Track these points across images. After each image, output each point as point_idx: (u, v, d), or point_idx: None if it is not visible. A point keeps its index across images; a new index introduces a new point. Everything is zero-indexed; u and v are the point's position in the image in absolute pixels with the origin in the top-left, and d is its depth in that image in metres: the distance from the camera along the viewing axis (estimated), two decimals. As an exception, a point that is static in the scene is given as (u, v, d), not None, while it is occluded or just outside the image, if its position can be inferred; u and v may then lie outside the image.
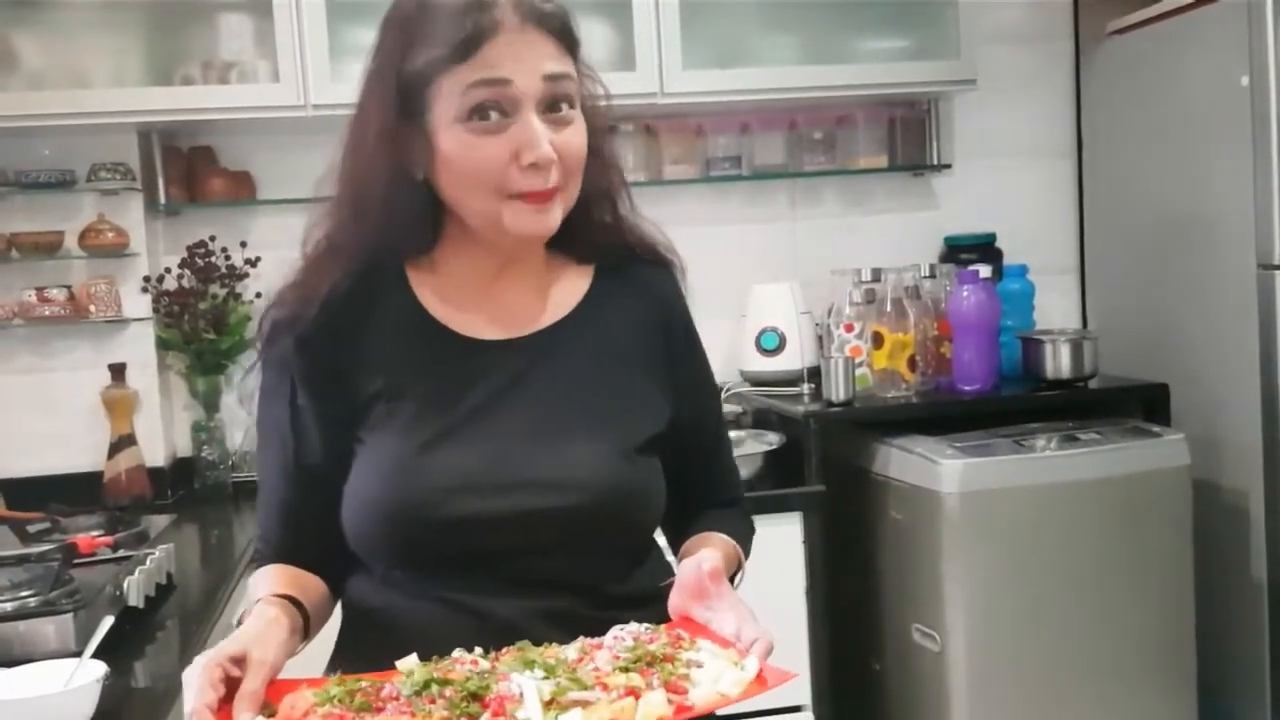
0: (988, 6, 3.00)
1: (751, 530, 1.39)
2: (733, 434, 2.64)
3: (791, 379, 2.80)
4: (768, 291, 2.88)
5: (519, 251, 1.24)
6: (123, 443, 2.66)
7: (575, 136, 1.18)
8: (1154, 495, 2.49)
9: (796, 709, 2.45)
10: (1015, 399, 2.69)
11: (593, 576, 1.21)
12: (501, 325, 1.25)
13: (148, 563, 1.82)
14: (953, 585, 2.40)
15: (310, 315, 1.20)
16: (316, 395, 1.22)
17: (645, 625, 1.14)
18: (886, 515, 2.57)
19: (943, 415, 2.61)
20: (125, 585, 1.72)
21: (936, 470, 2.40)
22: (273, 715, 1.00)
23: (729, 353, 2.98)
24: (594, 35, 2.68)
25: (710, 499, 1.37)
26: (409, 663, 1.06)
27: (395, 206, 1.19)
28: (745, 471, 2.48)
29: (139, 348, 2.71)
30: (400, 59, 1.16)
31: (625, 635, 1.11)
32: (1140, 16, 2.83)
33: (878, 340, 2.67)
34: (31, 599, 1.56)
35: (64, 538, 1.95)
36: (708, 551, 1.21)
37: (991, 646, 2.41)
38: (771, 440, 2.58)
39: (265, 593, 1.17)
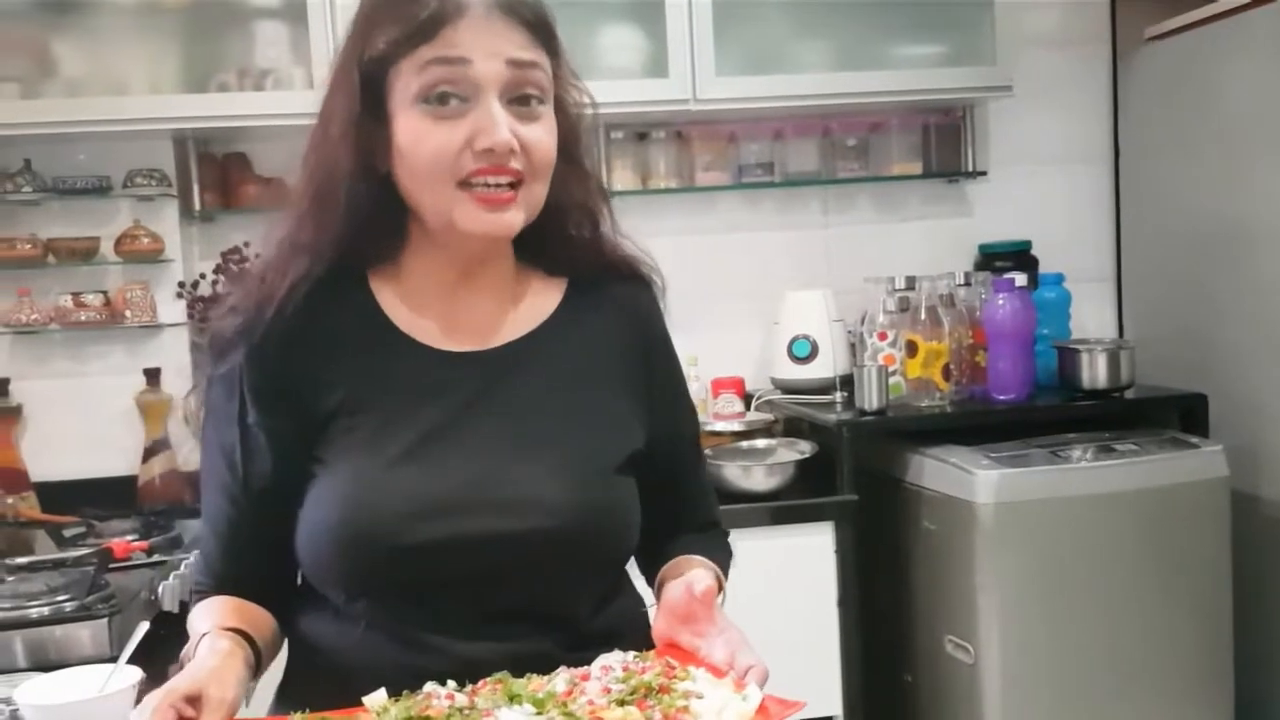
0: (1024, 12, 2.97)
1: (730, 555, 1.32)
2: (764, 443, 2.65)
3: (824, 387, 2.78)
4: (800, 299, 2.87)
5: (480, 257, 1.18)
6: (157, 447, 2.68)
7: (543, 133, 1.11)
8: (1192, 507, 2.45)
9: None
10: (1051, 409, 2.66)
11: (565, 608, 1.15)
12: (468, 336, 1.19)
13: (182, 568, 1.83)
14: (986, 597, 2.38)
15: (265, 321, 1.12)
16: (269, 411, 1.13)
17: (632, 654, 1.07)
18: (920, 525, 2.55)
19: (977, 425, 2.58)
20: (160, 590, 1.73)
21: (971, 480, 2.38)
22: None
23: (761, 360, 2.97)
24: (627, 41, 2.68)
25: (687, 522, 1.31)
26: (378, 699, 0.99)
27: (358, 203, 1.12)
28: (777, 480, 2.47)
29: (174, 353, 2.72)
30: (364, 44, 1.11)
31: (613, 665, 1.04)
32: (1178, 22, 2.80)
33: (911, 349, 2.65)
34: (67, 604, 1.57)
35: (99, 542, 1.97)
36: (699, 573, 1.14)
37: (1025, 659, 2.38)
38: (803, 449, 2.56)
39: (211, 626, 1.09)
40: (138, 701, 1.31)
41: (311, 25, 2.52)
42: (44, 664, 1.50)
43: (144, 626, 1.41)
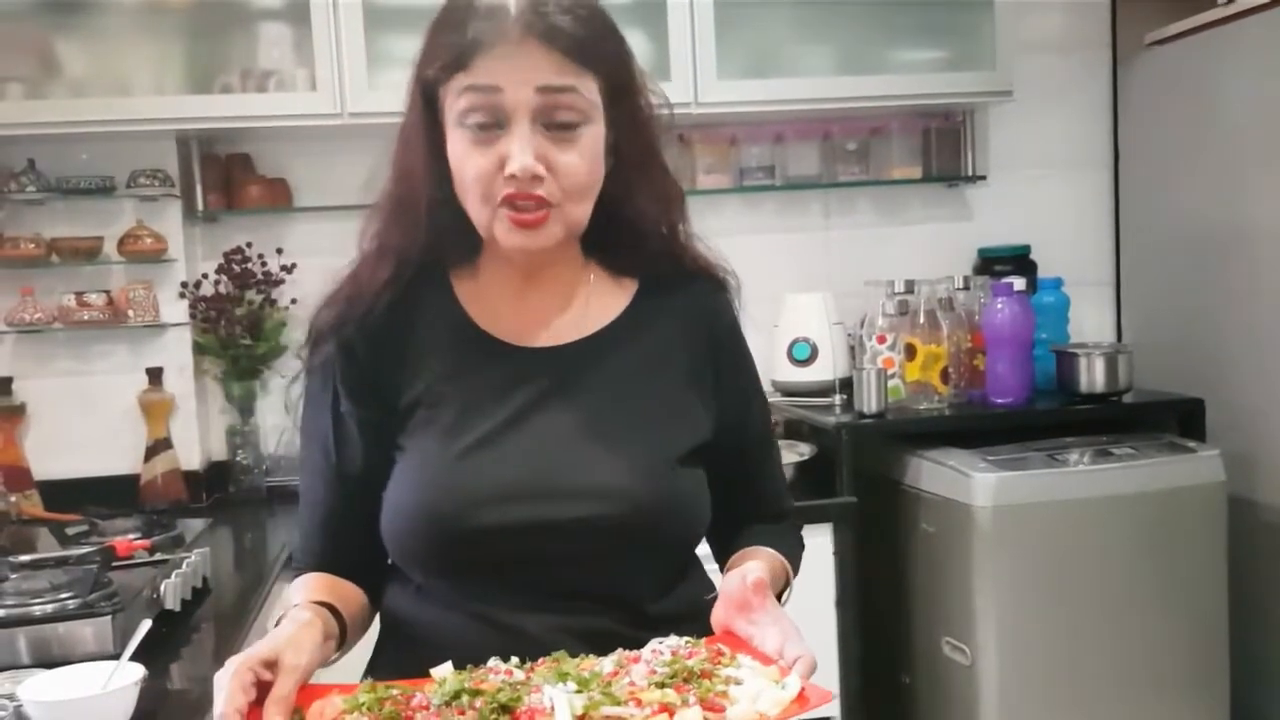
0: (1024, 17, 2.98)
1: (801, 547, 1.37)
2: (764, 444, 2.65)
3: (823, 390, 2.79)
4: (800, 302, 2.87)
5: (538, 261, 1.23)
6: (159, 446, 2.69)
7: (575, 157, 1.16)
8: (1188, 511, 2.46)
9: (825, 721, 2.44)
10: (1049, 412, 2.67)
11: (630, 591, 1.20)
12: (541, 334, 1.25)
13: (184, 566, 1.83)
14: (984, 599, 2.39)
15: (355, 319, 1.21)
16: (359, 401, 1.22)
17: (685, 639, 1.11)
18: (918, 528, 2.56)
19: (975, 428, 2.60)
20: (162, 589, 1.73)
21: (969, 483, 2.39)
22: None
23: (761, 362, 2.93)
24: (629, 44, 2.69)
25: (758, 513, 1.35)
26: (444, 669, 1.06)
27: (433, 209, 1.20)
28: (776, 482, 2.47)
29: (176, 352, 2.74)
30: (424, 64, 1.19)
31: (663, 649, 1.09)
32: (1179, 28, 2.81)
33: (910, 352, 2.66)
34: (70, 601, 1.57)
35: (102, 540, 1.97)
36: (753, 564, 1.19)
37: (1022, 661, 2.39)
38: (803, 451, 2.57)
39: (302, 599, 1.17)
40: (139, 700, 1.34)
41: (315, 27, 2.53)
42: (47, 661, 1.50)
43: (146, 624, 1.43)
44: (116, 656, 1.39)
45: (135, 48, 2.58)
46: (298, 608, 1.14)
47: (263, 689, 1.00)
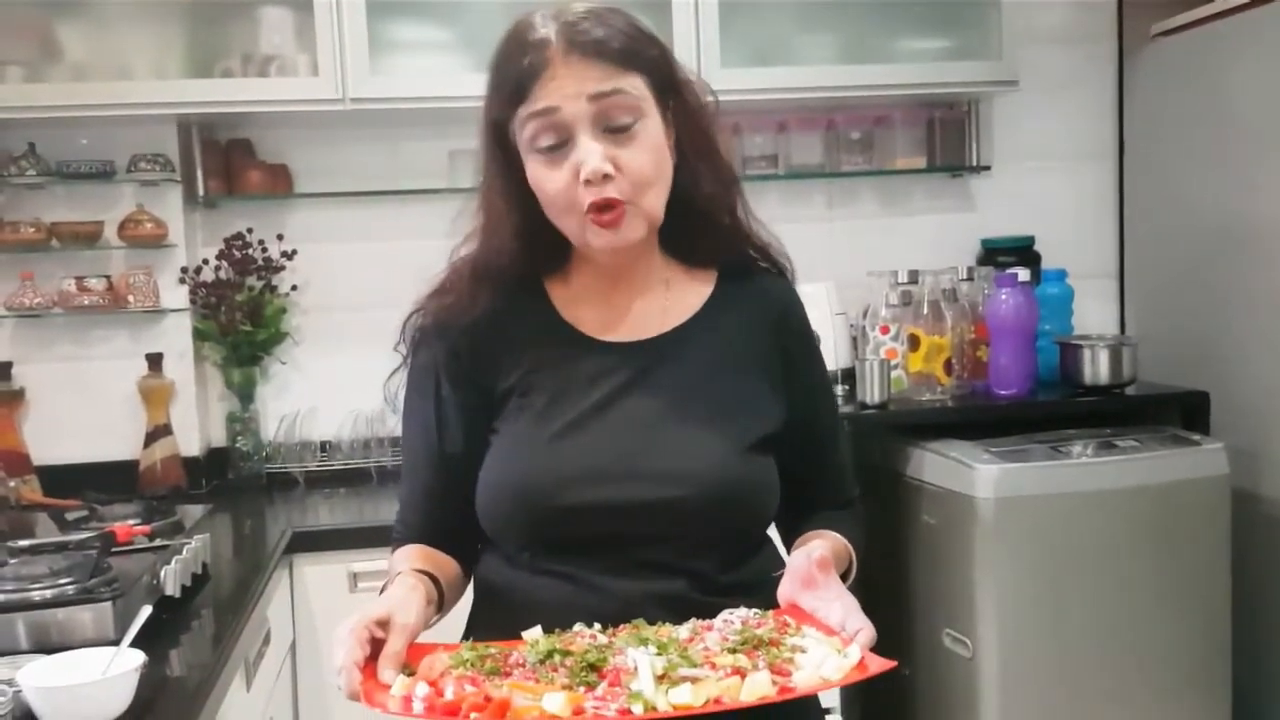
0: (1030, 7, 2.97)
1: (864, 533, 1.44)
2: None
3: (825, 380, 2.78)
4: (803, 292, 2.81)
5: (624, 262, 1.32)
6: (158, 432, 2.68)
7: (638, 151, 1.24)
8: (1192, 504, 2.46)
9: (826, 712, 2.43)
10: (1052, 404, 2.66)
11: (704, 564, 1.28)
12: (626, 330, 1.35)
13: (184, 552, 1.83)
14: (985, 591, 2.38)
15: (458, 329, 1.32)
16: (459, 389, 1.33)
17: (754, 610, 1.20)
18: (919, 519, 2.55)
19: (978, 420, 2.59)
20: (162, 575, 1.73)
21: (971, 475, 2.38)
22: (411, 674, 1.08)
23: (763, 353, 2.96)
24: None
25: (824, 499, 1.43)
26: (534, 633, 1.16)
27: (521, 230, 1.30)
28: (778, 472, 2.46)
29: (176, 338, 2.73)
30: (490, 106, 1.29)
31: (734, 619, 1.18)
32: (1185, 19, 2.80)
33: (913, 343, 2.65)
34: (70, 587, 1.57)
35: (102, 526, 1.96)
36: (817, 542, 1.29)
37: (1023, 654, 2.39)
38: (805, 441, 2.56)
39: (404, 568, 1.27)
40: (139, 686, 1.33)
41: (317, 12, 2.52)
42: (46, 647, 1.49)
43: (146, 610, 1.42)
44: (116, 642, 1.39)
45: (136, 31, 2.58)
46: (402, 575, 1.24)
47: (376, 646, 1.10)
